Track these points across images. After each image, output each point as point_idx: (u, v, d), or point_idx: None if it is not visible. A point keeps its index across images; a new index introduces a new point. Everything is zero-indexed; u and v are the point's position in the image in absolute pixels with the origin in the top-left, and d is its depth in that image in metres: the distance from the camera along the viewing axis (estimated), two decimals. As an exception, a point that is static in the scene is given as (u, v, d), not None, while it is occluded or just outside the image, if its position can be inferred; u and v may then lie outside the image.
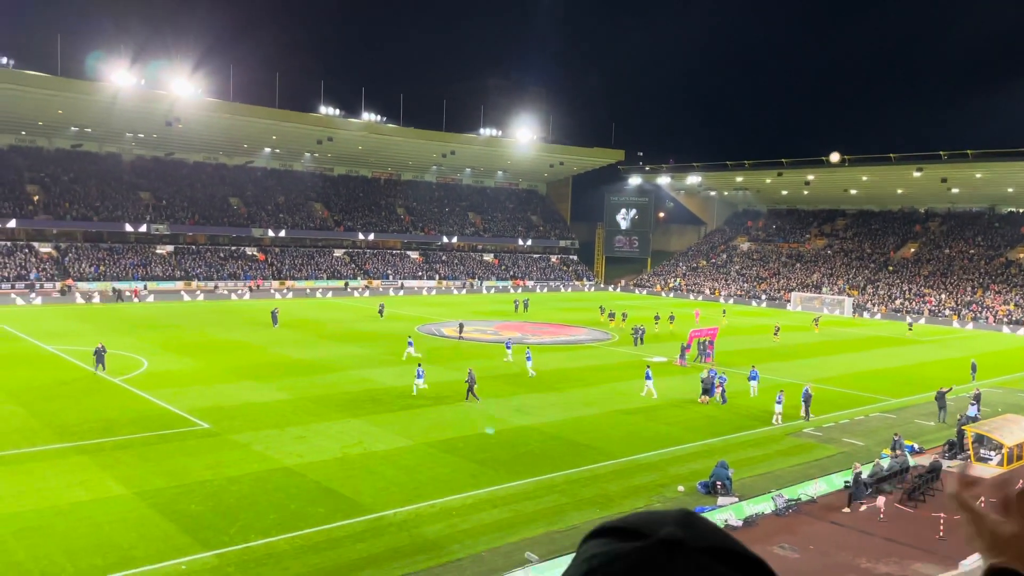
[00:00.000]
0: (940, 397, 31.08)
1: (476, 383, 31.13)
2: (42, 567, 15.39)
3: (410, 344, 40.49)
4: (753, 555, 1.09)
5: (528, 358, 37.94)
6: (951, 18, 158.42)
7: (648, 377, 33.55)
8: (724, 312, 67.98)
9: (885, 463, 23.11)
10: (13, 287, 65.57)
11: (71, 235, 75.77)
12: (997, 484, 1.35)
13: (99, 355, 33.88)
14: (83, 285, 69.03)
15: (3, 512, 17.97)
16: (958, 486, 1.37)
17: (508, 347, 41.41)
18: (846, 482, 21.62)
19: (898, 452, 24.06)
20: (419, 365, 33.31)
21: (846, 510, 20.47)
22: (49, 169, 79.10)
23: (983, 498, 1.36)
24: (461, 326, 51.08)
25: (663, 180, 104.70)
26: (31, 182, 76.78)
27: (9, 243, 71.41)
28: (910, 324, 64.45)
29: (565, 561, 12.98)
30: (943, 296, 78.23)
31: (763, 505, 20.14)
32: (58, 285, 67.80)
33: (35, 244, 72.91)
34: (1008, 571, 1.24)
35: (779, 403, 29.49)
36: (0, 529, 17.03)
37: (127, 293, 67.67)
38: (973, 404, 30.34)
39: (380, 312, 58.83)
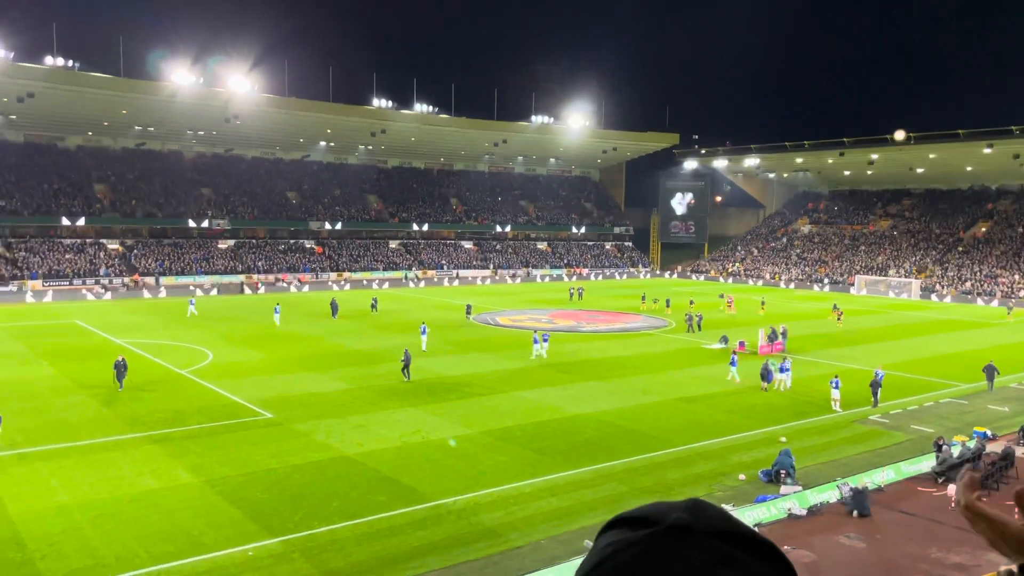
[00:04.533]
0: (988, 370, 32.34)
1: (411, 362, 32.16)
2: (116, 552, 15.95)
3: (191, 303, 51.92)
4: (762, 538, 1.13)
5: (545, 339, 38.69)
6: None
7: (535, 341, 37.48)
8: (721, 296, 64.68)
9: (955, 451, 22.33)
10: (84, 283, 68.06)
11: (137, 232, 78.30)
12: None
13: (119, 370, 29.96)
14: (195, 279, 73.67)
15: (79, 499, 18.68)
16: (966, 493, 1.31)
17: (536, 341, 38.27)
18: (848, 488, 19.29)
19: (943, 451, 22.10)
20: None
21: (850, 534, 17.82)
22: (115, 168, 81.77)
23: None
24: (468, 307, 54.33)
25: (719, 163, 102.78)
26: (98, 181, 79.51)
27: (79, 240, 74.15)
28: (1009, 308, 61.54)
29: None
30: (1016, 277, 75.16)
31: (828, 494, 19.66)
32: (126, 280, 70.15)
33: (103, 241, 75.56)
34: None
35: (835, 388, 28.74)
36: (77, 516, 17.72)
37: (248, 284, 72.50)
38: None
39: (373, 307, 55.27)
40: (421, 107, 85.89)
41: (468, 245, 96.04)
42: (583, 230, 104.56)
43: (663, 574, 1.05)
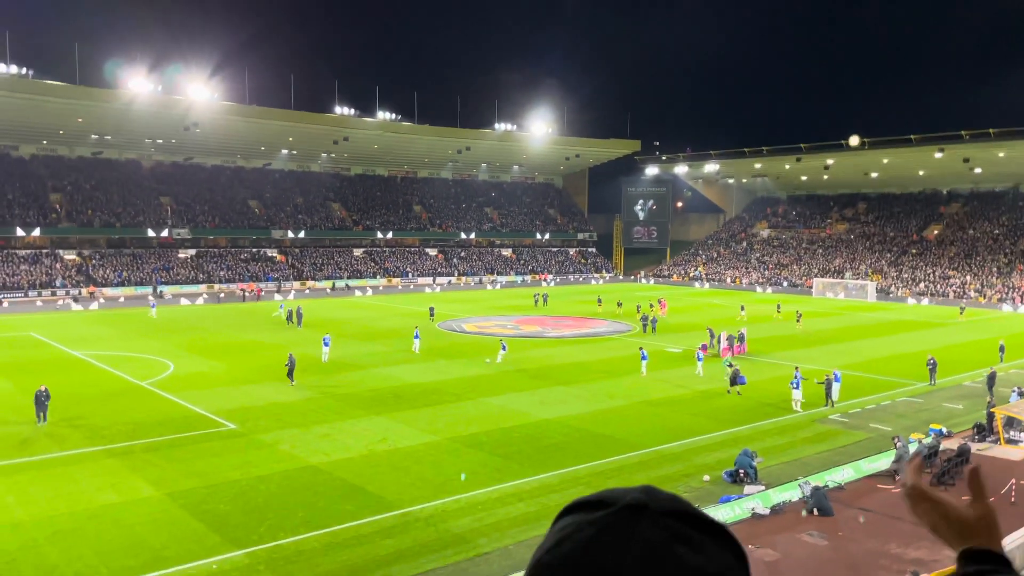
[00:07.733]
0: (931, 364, 34.05)
1: (295, 367, 32.79)
2: (76, 569, 15.63)
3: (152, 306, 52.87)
4: (714, 520, 1.16)
5: (503, 347, 39.40)
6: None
7: (503, 348, 39.09)
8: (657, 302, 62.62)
9: (912, 448, 22.85)
10: (40, 294, 66.52)
11: (94, 242, 76.76)
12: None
13: (40, 402, 26.52)
14: (188, 288, 73.80)
15: (37, 515, 18.27)
16: (914, 475, 1.42)
17: (503, 348, 39.28)
18: (810, 487, 19.58)
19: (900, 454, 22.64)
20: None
21: (812, 532, 18.04)
22: (71, 177, 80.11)
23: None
24: (432, 310, 56.31)
25: (680, 169, 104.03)
26: (54, 190, 77.83)
27: (34, 251, 72.48)
28: (961, 308, 63.03)
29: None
30: (968, 278, 77.20)
31: (790, 493, 20.01)
32: (83, 292, 68.69)
33: (59, 252, 73.93)
34: (981, 552, 1.30)
35: (796, 388, 29.22)
36: (34, 532, 17.32)
37: (247, 291, 71.81)
38: (1015, 391, 29.88)
39: (291, 318, 50.99)
40: (384, 115, 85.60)
41: (433, 252, 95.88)
42: (547, 236, 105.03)
43: (621, 550, 1.08)
